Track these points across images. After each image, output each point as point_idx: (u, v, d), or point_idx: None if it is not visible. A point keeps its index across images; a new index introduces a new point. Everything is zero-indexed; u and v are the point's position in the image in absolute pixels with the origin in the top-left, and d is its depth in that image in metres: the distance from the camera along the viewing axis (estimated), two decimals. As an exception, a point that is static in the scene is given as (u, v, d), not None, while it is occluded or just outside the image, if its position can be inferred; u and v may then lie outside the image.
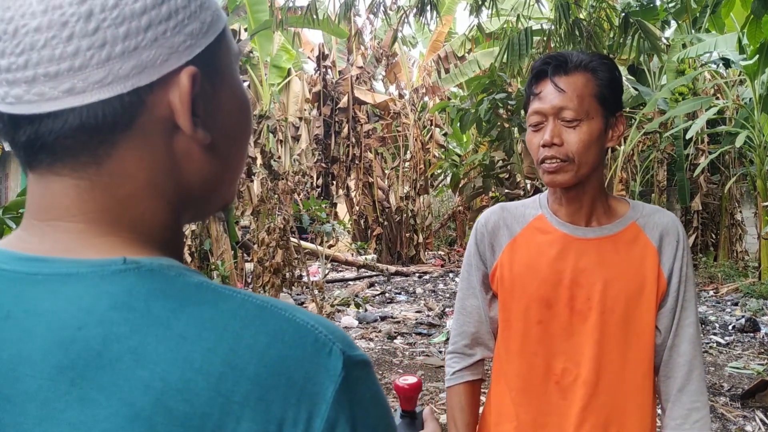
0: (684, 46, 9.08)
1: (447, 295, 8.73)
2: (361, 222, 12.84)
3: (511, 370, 1.34)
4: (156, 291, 0.46)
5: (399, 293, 9.00)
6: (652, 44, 5.30)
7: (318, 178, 12.50)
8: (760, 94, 7.86)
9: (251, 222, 7.61)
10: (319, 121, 12.24)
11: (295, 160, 11.92)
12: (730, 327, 6.50)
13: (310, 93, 12.30)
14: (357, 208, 12.75)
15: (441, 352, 5.66)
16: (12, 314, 0.46)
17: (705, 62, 10.26)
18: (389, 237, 12.48)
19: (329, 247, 11.54)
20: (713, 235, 11.16)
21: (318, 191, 12.29)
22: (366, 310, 7.52)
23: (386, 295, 8.77)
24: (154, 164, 0.50)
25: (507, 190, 10.30)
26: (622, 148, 9.24)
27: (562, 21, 5.14)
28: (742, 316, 6.71)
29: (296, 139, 12.18)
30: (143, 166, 0.50)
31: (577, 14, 5.78)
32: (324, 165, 12.46)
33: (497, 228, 1.37)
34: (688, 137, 9.38)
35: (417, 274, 10.83)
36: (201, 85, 0.50)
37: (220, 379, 0.43)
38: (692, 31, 9.14)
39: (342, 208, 13.67)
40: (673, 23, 10.09)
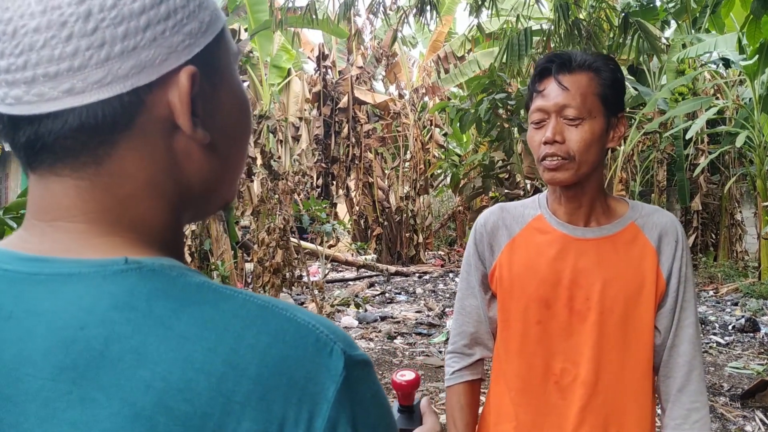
0: (684, 46, 9.09)
1: (447, 295, 8.73)
2: (361, 222, 12.84)
3: (511, 370, 1.34)
4: (157, 291, 0.46)
5: (399, 293, 8.99)
6: (652, 44, 5.30)
7: (318, 178, 12.50)
8: (760, 94, 7.87)
9: (251, 222, 7.61)
10: (319, 121, 12.24)
11: (295, 160, 11.92)
12: (729, 327, 6.50)
13: (310, 93, 12.30)
14: (357, 208, 12.75)
15: (441, 352, 5.66)
16: (13, 314, 0.46)
17: (705, 62, 10.26)
18: (389, 237, 12.48)
19: (329, 247, 11.53)
20: (713, 235, 11.17)
21: (318, 191, 12.29)
22: (366, 310, 7.51)
23: (386, 295, 8.76)
24: (153, 164, 0.50)
25: (507, 191, 10.31)
26: (622, 148, 9.24)
27: (562, 21, 5.14)
28: (742, 316, 6.71)
29: (296, 139, 12.18)
30: (143, 166, 0.50)
31: (577, 14, 5.78)
32: (324, 165, 12.45)
33: (496, 228, 1.37)
34: (688, 137, 9.38)
35: (417, 274, 10.83)
36: (200, 84, 0.50)
37: (221, 378, 0.43)
38: (692, 31, 9.15)
39: (342, 208, 13.67)
40: (673, 23, 10.10)
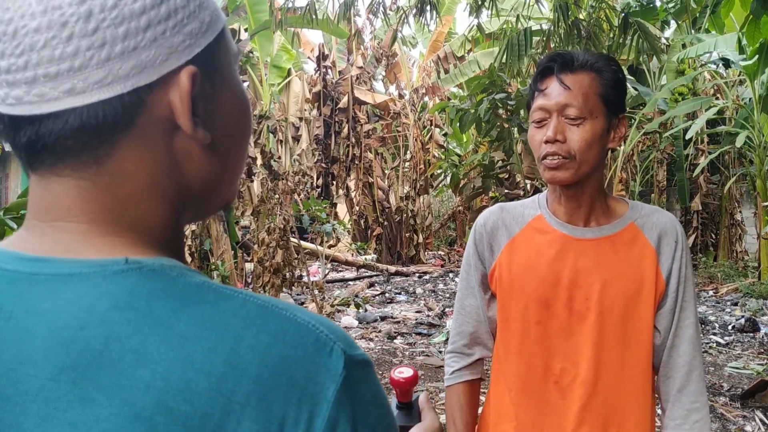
0: (684, 46, 9.09)
1: (447, 295, 8.73)
2: (361, 222, 12.84)
3: (510, 370, 1.34)
4: (157, 291, 0.46)
5: (399, 293, 9.00)
6: (651, 45, 5.31)
7: (318, 178, 12.50)
8: (760, 94, 7.87)
9: (251, 222, 7.61)
10: (319, 121, 12.24)
11: (295, 160, 11.92)
12: (729, 327, 6.50)
13: (310, 93, 12.30)
14: (357, 208, 12.75)
15: (441, 352, 5.66)
16: (13, 314, 0.46)
17: (705, 62, 10.27)
18: (389, 237, 12.48)
19: (329, 247, 11.53)
20: (713, 235, 11.17)
21: (318, 191, 12.29)
22: (366, 310, 7.51)
23: (386, 295, 8.77)
24: (154, 164, 0.50)
25: (507, 191, 10.31)
26: (621, 148, 9.24)
27: (562, 21, 5.14)
28: (742, 316, 6.71)
29: (296, 139, 12.18)
30: (143, 166, 0.50)
31: (577, 14, 5.78)
32: (324, 165, 12.45)
33: (496, 228, 1.37)
34: (687, 137, 9.38)
35: (417, 274, 10.83)
36: (201, 84, 0.50)
37: (222, 378, 0.43)
38: (692, 32, 9.15)
39: (342, 208, 13.67)
40: (673, 23, 10.11)
